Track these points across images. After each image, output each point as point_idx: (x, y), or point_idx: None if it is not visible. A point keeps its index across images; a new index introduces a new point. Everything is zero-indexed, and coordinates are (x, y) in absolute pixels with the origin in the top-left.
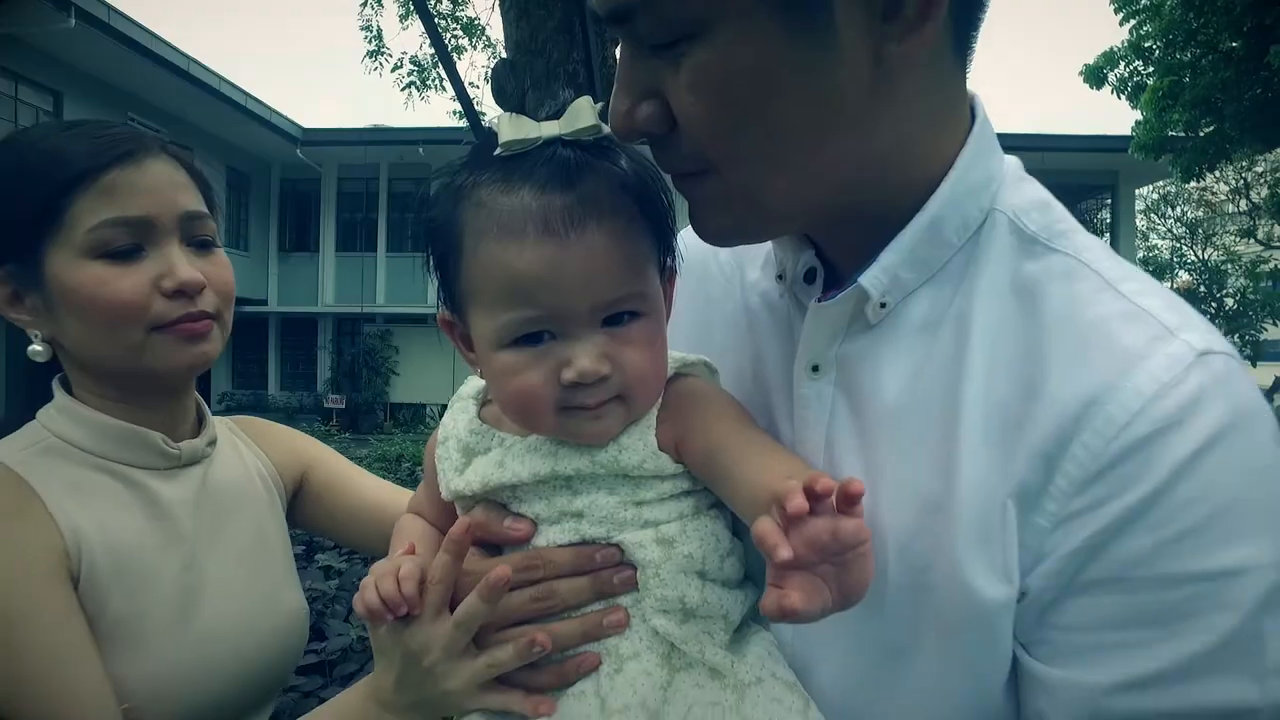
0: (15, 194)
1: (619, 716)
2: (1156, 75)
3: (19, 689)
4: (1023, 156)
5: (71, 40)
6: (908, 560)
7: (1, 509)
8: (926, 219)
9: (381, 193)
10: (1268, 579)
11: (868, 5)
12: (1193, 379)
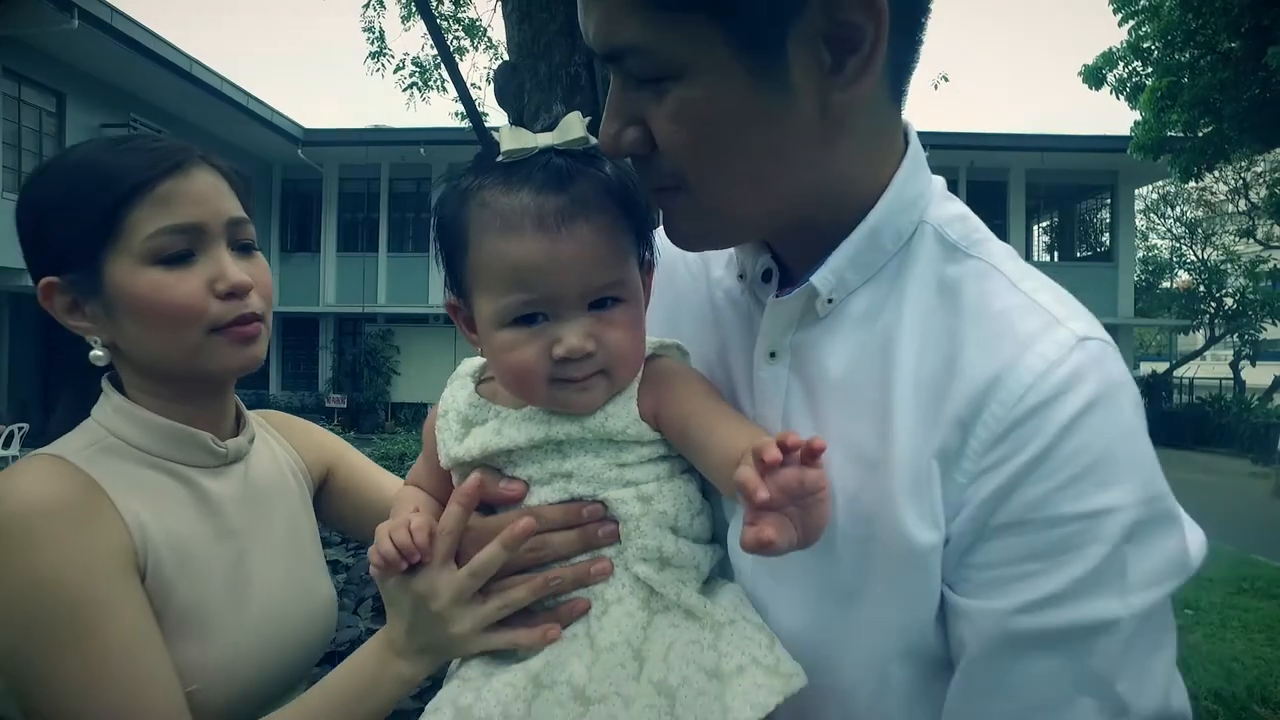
0: (74, 208)
1: (606, 654)
2: (1155, 76)
3: (96, 677)
4: (1023, 156)
5: (74, 41)
6: (854, 513)
7: (75, 507)
8: (867, 229)
9: (383, 193)
10: (1129, 516)
11: (818, 62)
12: (1073, 359)
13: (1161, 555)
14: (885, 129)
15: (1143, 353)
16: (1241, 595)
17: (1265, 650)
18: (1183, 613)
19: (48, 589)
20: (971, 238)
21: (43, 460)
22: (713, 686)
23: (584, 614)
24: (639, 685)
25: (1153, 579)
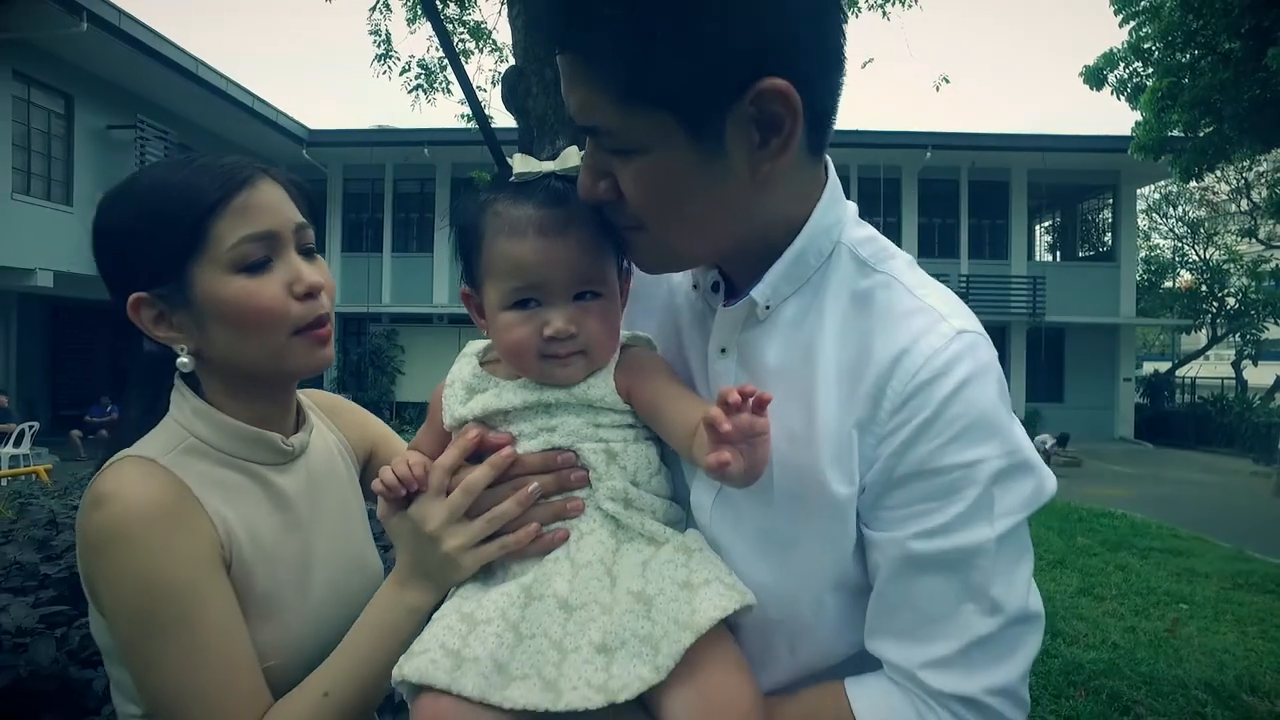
0: (159, 226)
1: (584, 570)
2: (1156, 76)
3: (197, 661)
4: (1024, 157)
5: (82, 44)
6: (787, 474)
7: (172, 508)
8: (795, 251)
9: (387, 193)
10: (995, 465)
11: (749, 141)
12: (952, 347)
13: (1019, 493)
14: (807, 176)
15: (1146, 352)
16: (1236, 590)
17: (1257, 643)
18: (1177, 607)
19: (155, 585)
20: (878, 256)
21: (137, 463)
22: (684, 594)
23: (564, 541)
24: (614, 595)
25: (1013, 510)
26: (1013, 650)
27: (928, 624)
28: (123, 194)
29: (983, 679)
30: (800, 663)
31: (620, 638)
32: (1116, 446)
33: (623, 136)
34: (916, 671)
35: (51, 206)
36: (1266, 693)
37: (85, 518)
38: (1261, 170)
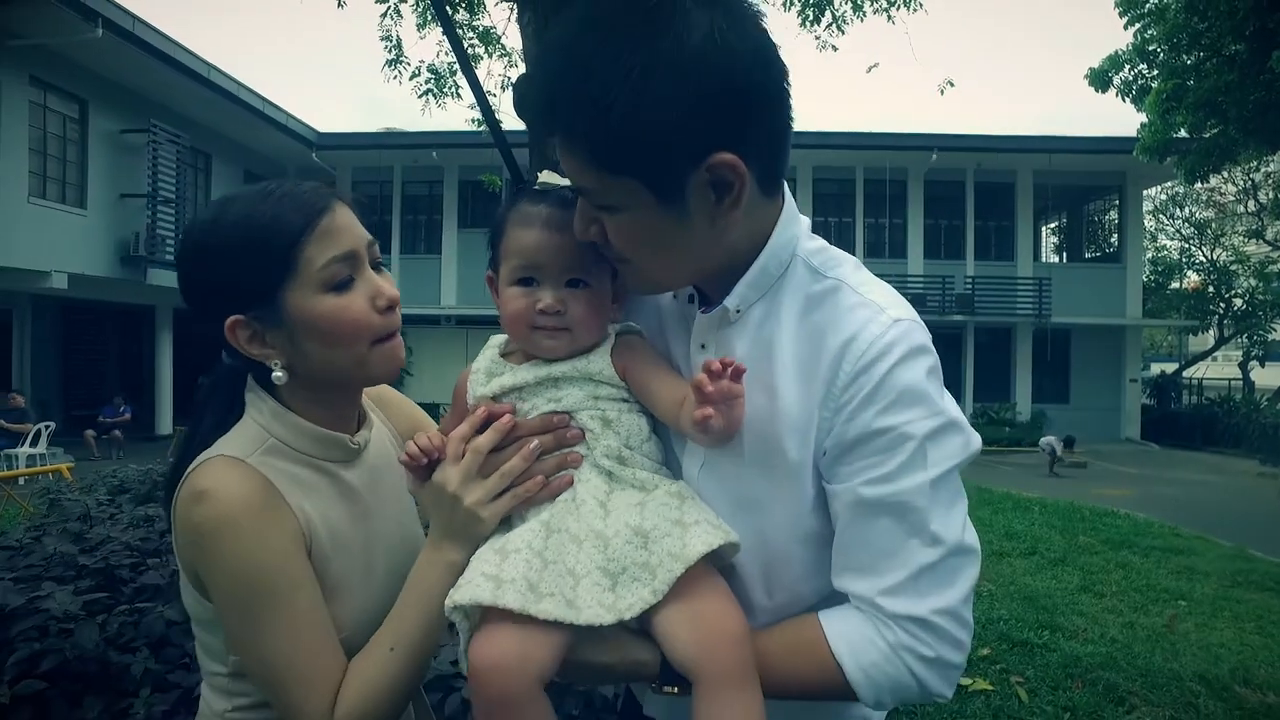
0: (253, 255)
1: (583, 507)
2: (1161, 79)
3: (291, 636)
4: (1030, 158)
5: (97, 49)
6: (755, 445)
7: (264, 504)
8: (759, 265)
9: (395, 196)
10: (926, 426)
11: (707, 199)
12: (890, 333)
13: (948, 447)
14: (763, 210)
15: (1153, 354)
16: (1235, 588)
17: (1253, 638)
18: (1176, 603)
19: (256, 571)
20: (828, 264)
21: (228, 462)
22: (677, 530)
23: (569, 487)
24: (612, 527)
25: (943, 460)
26: (953, 578)
27: (881, 558)
28: (212, 226)
29: (930, 602)
30: (777, 604)
31: (623, 565)
32: (1123, 447)
33: (603, 197)
34: (875, 598)
35: (66, 209)
36: (1259, 685)
37: (188, 511)
38: (1270, 171)
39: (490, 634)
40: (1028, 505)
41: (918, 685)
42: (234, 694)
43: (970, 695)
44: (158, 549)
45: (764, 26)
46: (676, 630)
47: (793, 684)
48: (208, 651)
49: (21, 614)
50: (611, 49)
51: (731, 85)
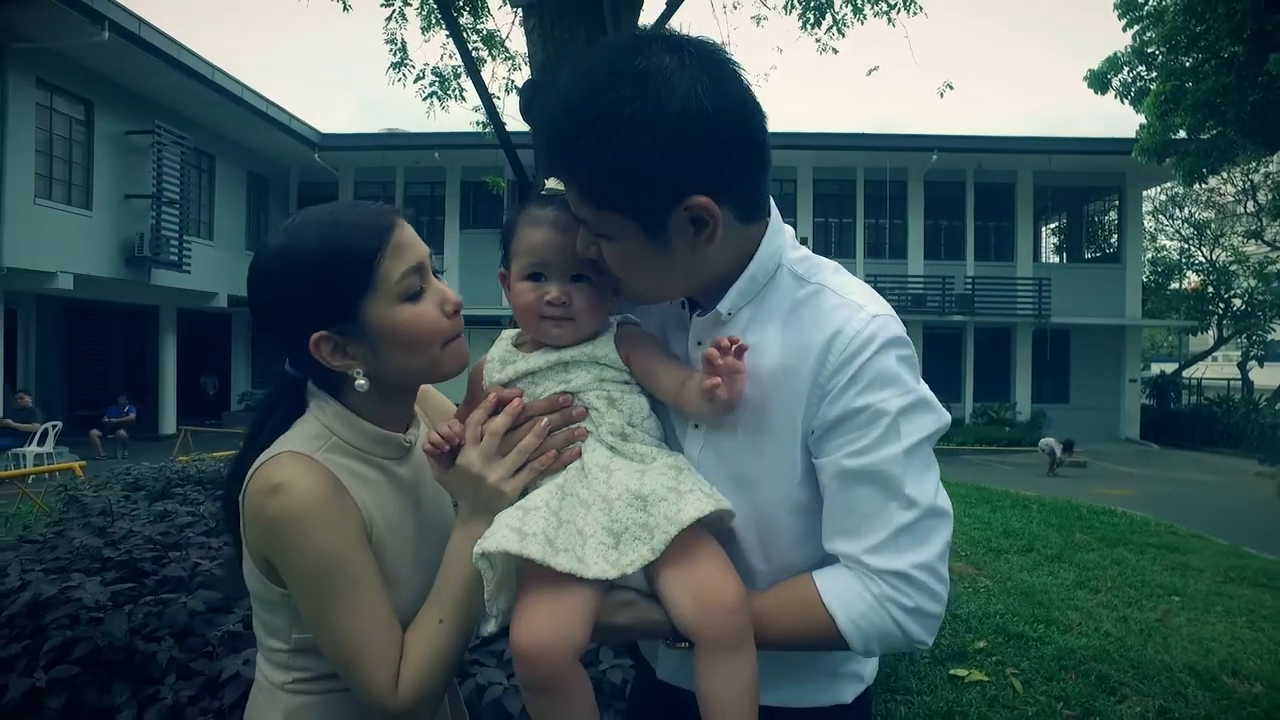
0: (335, 273)
1: (590, 475)
2: (1159, 80)
3: (361, 616)
4: (1030, 159)
5: (103, 51)
6: (748, 429)
7: (332, 496)
8: (747, 275)
9: (398, 196)
10: (899, 404)
11: (687, 233)
12: (868, 328)
13: (920, 422)
14: (746, 235)
15: (1154, 354)
16: (1228, 584)
17: (1244, 632)
18: (1169, 598)
19: (328, 557)
20: (810, 270)
21: (296, 458)
22: (672, 496)
23: (579, 457)
24: (614, 490)
25: (915, 433)
26: (929, 537)
27: (864, 521)
28: (289, 251)
29: (909, 558)
30: (774, 569)
31: (625, 526)
32: (1122, 447)
33: (597, 226)
34: (860, 556)
35: (72, 211)
36: (1246, 675)
37: (263, 503)
38: (1269, 171)
39: (528, 618)
40: (1026, 503)
41: (901, 633)
42: (293, 668)
43: (966, 686)
44: (177, 543)
45: (743, 80)
46: (678, 599)
47: (791, 636)
48: (269, 630)
49: (53, 603)
50: (603, 106)
51: (708, 139)
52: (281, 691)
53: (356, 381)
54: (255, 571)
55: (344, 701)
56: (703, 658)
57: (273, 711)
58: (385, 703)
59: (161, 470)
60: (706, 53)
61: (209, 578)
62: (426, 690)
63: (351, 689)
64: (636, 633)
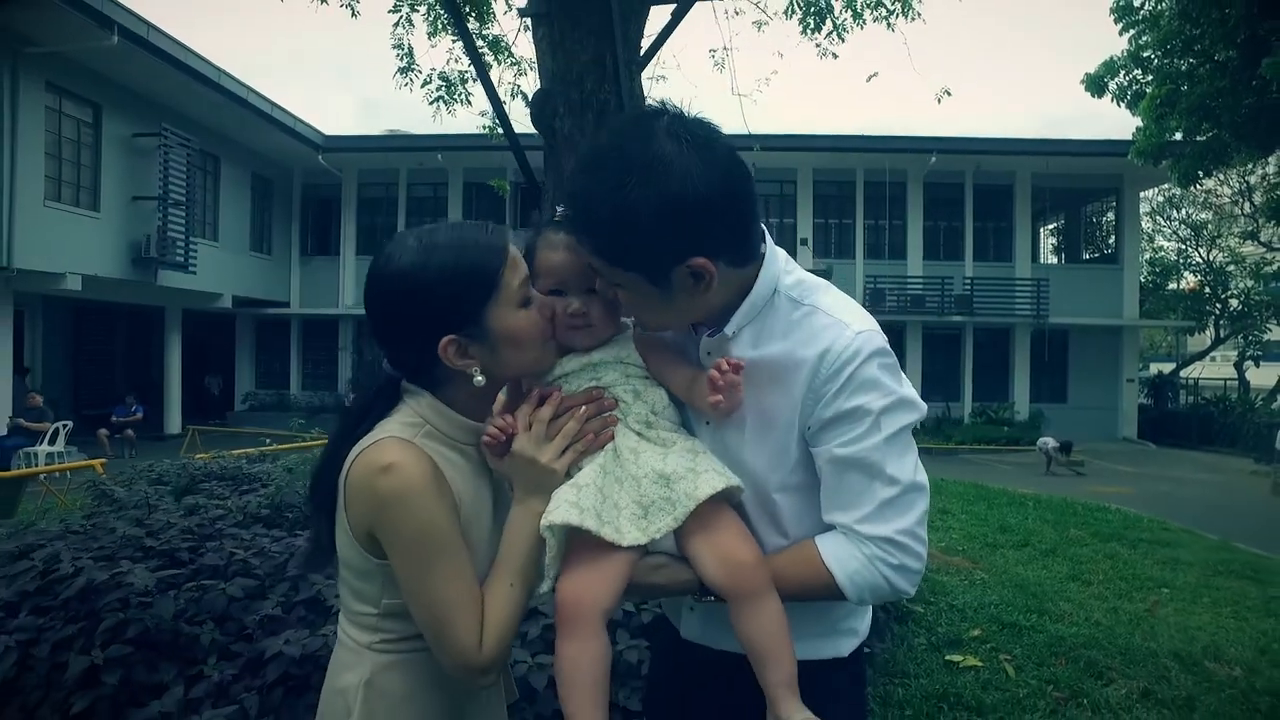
0: (467, 284)
1: (622, 456)
2: (1155, 84)
3: (453, 581)
4: (1029, 160)
5: (111, 55)
6: (752, 425)
7: (432, 473)
8: (748, 303)
9: (400, 197)
10: (882, 403)
11: (687, 284)
12: (855, 343)
13: (897, 416)
14: (742, 273)
15: (1153, 354)
16: (1216, 577)
17: (1228, 622)
18: (1159, 590)
19: (431, 529)
20: (803, 293)
21: (400, 443)
22: (690, 475)
23: (611, 440)
24: (642, 470)
25: (894, 424)
26: (909, 507)
27: (855, 497)
28: (420, 269)
29: (893, 525)
30: (777, 540)
31: (651, 500)
32: (1120, 447)
33: (612, 278)
34: (853, 525)
35: (80, 212)
36: (1227, 660)
37: (373, 482)
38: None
39: (572, 578)
40: (1022, 501)
41: (888, 585)
42: (380, 630)
43: (961, 671)
44: (211, 534)
45: (731, 155)
46: (705, 560)
47: (798, 590)
48: (359, 596)
49: (105, 588)
50: (611, 187)
51: (702, 213)
52: (368, 651)
53: (475, 378)
54: (354, 544)
55: (423, 660)
56: (735, 609)
57: (359, 669)
58: (472, 660)
59: (185, 467)
60: (700, 137)
61: (244, 566)
62: (505, 647)
63: (439, 651)
64: (669, 590)
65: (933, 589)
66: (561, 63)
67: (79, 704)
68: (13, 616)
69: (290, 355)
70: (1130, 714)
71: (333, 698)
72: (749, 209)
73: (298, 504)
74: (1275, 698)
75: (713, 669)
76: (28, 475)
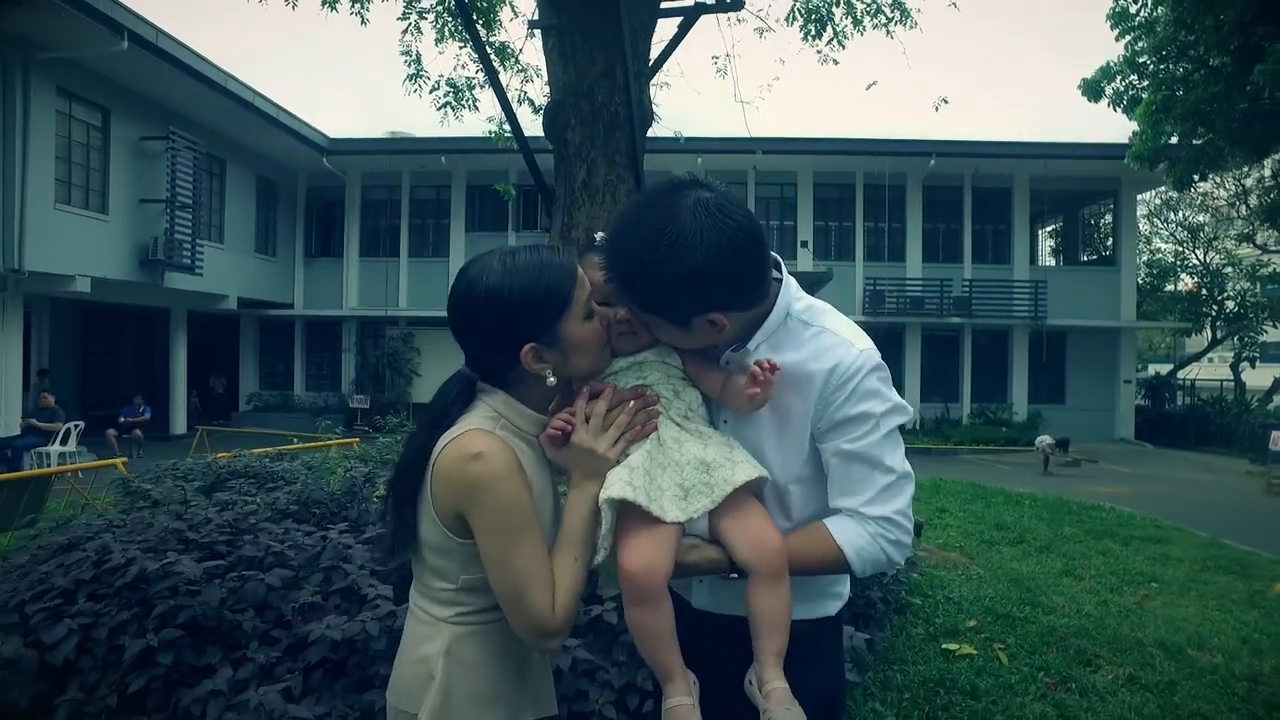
0: (547, 300)
1: (666, 445)
2: (1150, 90)
3: (533, 554)
4: (1027, 164)
5: (121, 60)
6: (769, 425)
7: (515, 460)
8: (766, 327)
9: (404, 200)
10: (880, 409)
11: (706, 327)
12: (858, 360)
13: (892, 418)
14: (755, 311)
15: (1152, 355)
16: (1205, 572)
17: (1214, 614)
18: (1148, 584)
19: (515, 509)
20: (813, 316)
21: (485, 434)
22: (728, 464)
23: (655, 432)
24: (684, 457)
25: (890, 424)
26: (901, 491)
27: (860, 484)
28: (505, 289)
29: (890, 506)
30: (789, 524)
31: (691, 484)
32: (1117, 447)
33: (643, 317)
34: (858, 508)
35: (89, 215)
36: (1209, 648)
37: (463, 468)
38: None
39: (632, 550)
40: (1019, 500)
41: (886, 558)
42: (457, 604)
43: (957, 658)
44: (246, 528)
45: (747, 221)
46: (737, 543)
47: (812, 566)
48: (438, 574)
49: (155, 577)
50: (639, 251)
51: (715, 281)
52: (445, 624)
53: (548, 380)
54: (439, 526)
55: (494, 631)
56: (755, 585)
57: (438, 640)
58: (546, 624)
59: (210, 465)
60: (721, 207)
61: (279, 557)
62: (573, 612)
63: (516, 617)
64: (700, 569)
65: (930, 583)
66: (573, 76)
67: (135, 683)
68: (70, 603)
69: (294, 356)
70: (1116, 698)
71: (414, 666)
72: (759, 266)
73: (323, 500)
74: (1252, 683)
75: (719, 631)
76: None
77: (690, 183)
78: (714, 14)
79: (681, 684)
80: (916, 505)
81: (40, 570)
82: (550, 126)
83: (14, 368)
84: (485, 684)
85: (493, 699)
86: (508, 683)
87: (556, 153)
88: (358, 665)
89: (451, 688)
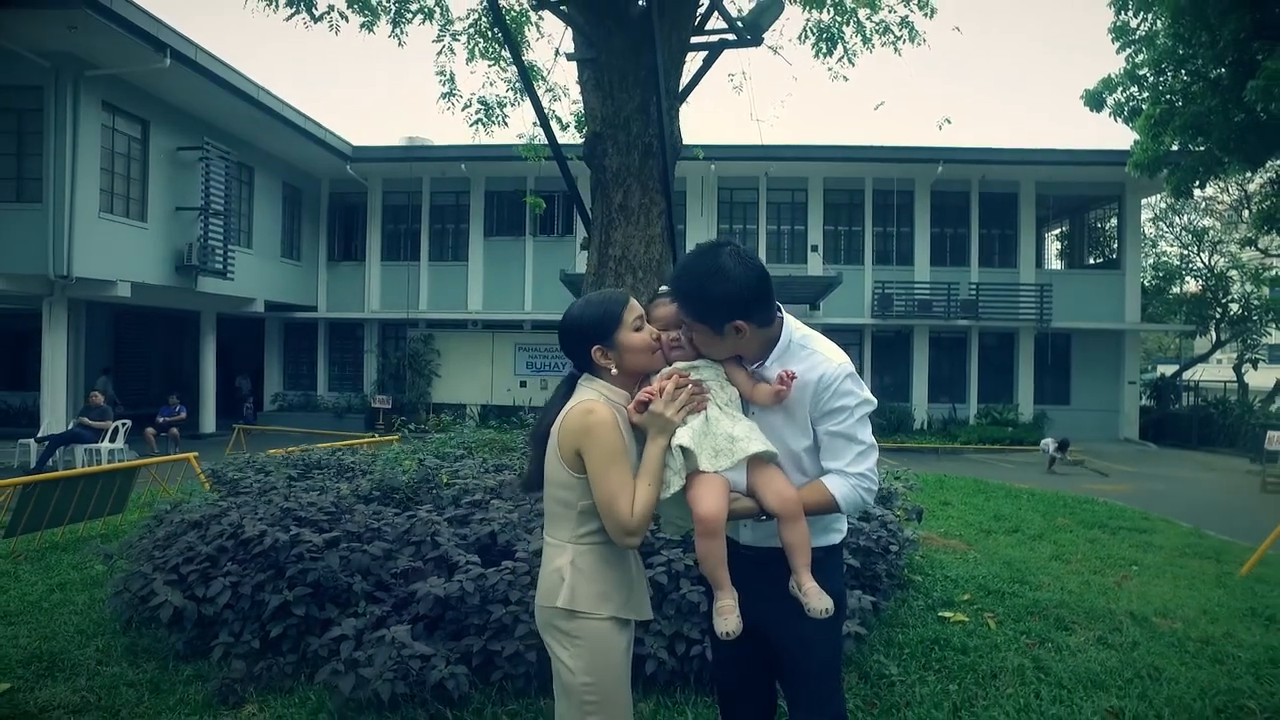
0: (608, 320)
1: (709, 420)
2: (1150, 102)
3: (623, 477)
4: (1034, 170)
5: (161, 75)
6: (783, 416)
7: (615, 416)
8: (775, 351)
9: (424, 205)
10: (853, 402)
11: (732, 334)
12: (838, 370)
13: (863, 408)
14: (767, 331)
15: (1160, 356)
16: (1182, 558)
17: (1184, 592)
18: (1129, 567)
19: (614, 448)
20: (805, 341)
21: (596, 401)
22: (746, 439)
23: (704, 410)
24: (719, 431)
25: (860, 411)
26: (869, 456)
27: (841, 452)
28: (583, 316)
29: (863, 466)
30: (798, 481)
31: (720, 448)
32: (1121, 447)
33: (692, 326)
34: (843, 468)
35: (130, 223)
36: (1171, 617)
37: (584, 419)
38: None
39: (703, 499)
40: (1018, 494)
41: (861, 500)
42: (579, 525)
43: (951, 624)
44: (343, 509)
45: (763, 268)
46: (766, 495)
47: (815, 507)
48: (563, 504)
49: (284, 546)
50: (693, 283)
51: (744, 303)
52: (569, 544)
53: (611, 371)
54: (563, 466)
55: (604, 549)
56: (782, 524)
57: (565, 555)
58: (628, 524)
59: (285, 459)
60: (745, 255)
61: (376, 532)
62: (648, 518)
63: (608, 518)
64: (741, 513)
65: (931, 564)
66: (610, 109)
67: (274, 629)
68: (215, 566)
69: (318, 357)
70: (1085, 654)
71: (550, 575)
72: (770, 296)
73: (399, 486)
74: (1203, 643)
75: (752, 563)
76: (138, 467)
77: (725, 241)
78: (736, 49)
79: (728, 592)
80: (921, 497)
81: (184, 540)
82: (590, 154)
83: (59, 368)
84: (599, 586)
85: (604, 597)
86: (613, 586)
87: (594, 178)
88: (453, 619)
89: (576, 587)
